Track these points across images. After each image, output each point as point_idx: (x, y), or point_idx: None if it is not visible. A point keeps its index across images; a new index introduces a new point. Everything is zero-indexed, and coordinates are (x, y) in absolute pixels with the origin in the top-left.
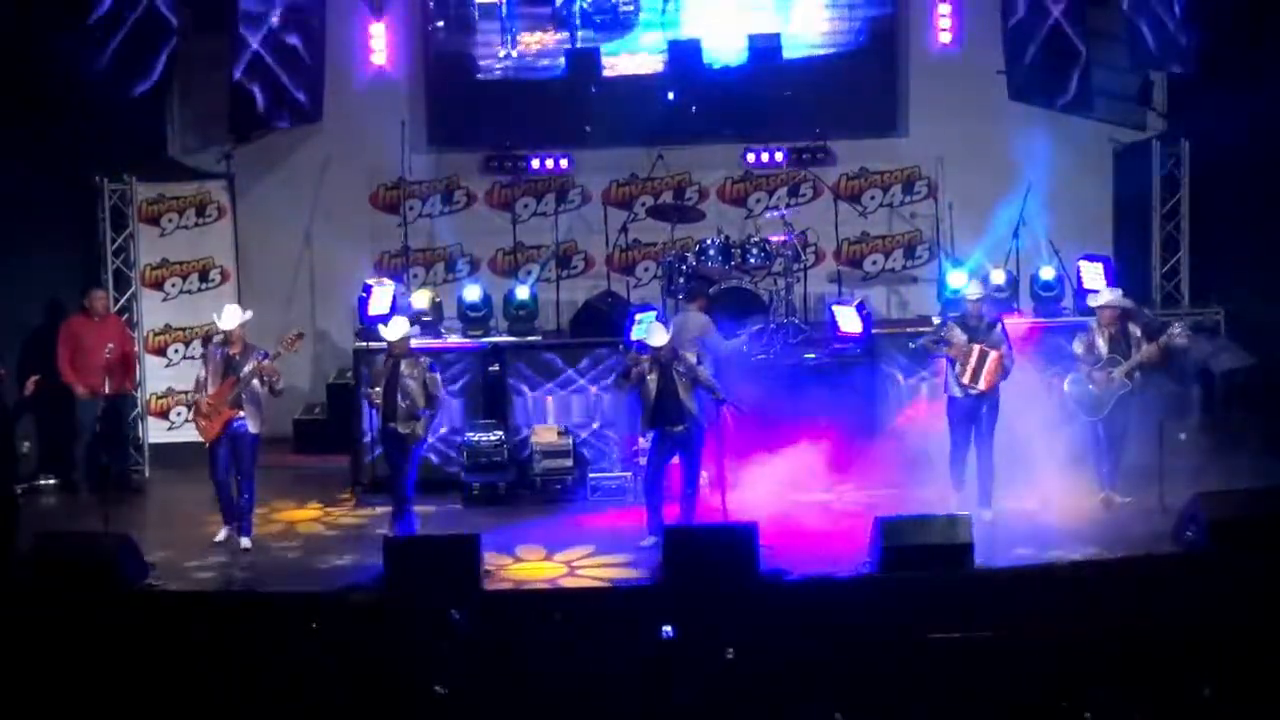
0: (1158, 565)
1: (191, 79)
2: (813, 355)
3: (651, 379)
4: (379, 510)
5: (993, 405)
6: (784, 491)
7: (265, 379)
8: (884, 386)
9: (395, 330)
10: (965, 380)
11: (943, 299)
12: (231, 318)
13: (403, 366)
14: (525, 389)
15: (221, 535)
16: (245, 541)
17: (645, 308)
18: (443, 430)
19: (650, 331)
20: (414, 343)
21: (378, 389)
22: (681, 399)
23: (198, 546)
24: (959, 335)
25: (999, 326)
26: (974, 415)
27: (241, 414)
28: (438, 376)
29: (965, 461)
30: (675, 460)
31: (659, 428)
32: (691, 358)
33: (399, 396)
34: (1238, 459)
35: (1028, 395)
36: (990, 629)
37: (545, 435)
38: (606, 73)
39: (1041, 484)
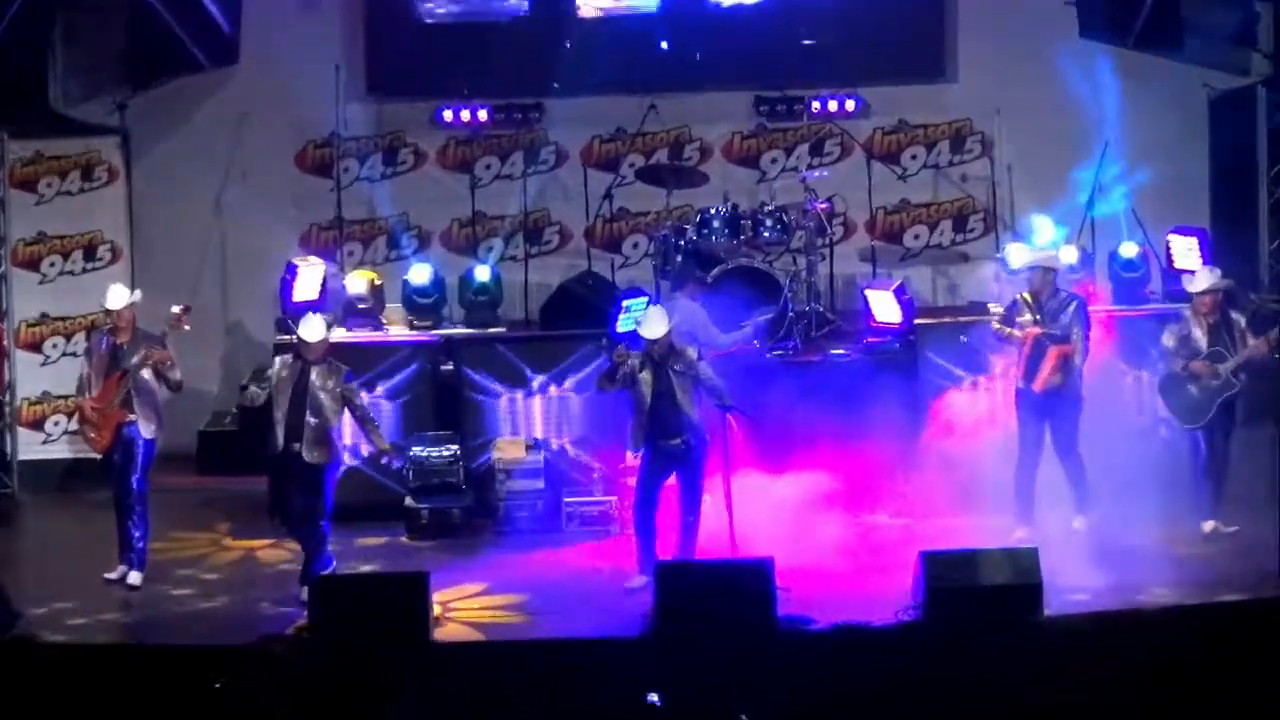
0: (1271, 613)
1: (78, 12)
2: (841, 351)
3: (645, 380)
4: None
5: (1070, 400)
6: (805, 519)
7: (156, 368)
8: (928, 390)
9: (314, 329)
10: (1019, 373)
11: (1003, 280)
12: (118, 297)
13: (314, 375)
14: (485, 393)
15: (115, 573)
16: (135, 578)
17: (635, 293)
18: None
19: (647, 319)
20: (347, 335)
21: (261, 389)
22: (680, 405)
23: (80, 586)
24: (1025, 315)
25: (1075, 306)
26: (1045, 412)
27: (133, 416)
28: (355, 386)
29: (1034, 474)
30: (671, 481)
31: (652, 441)
32: (692, 353)
33: (308, 413)
34: None
35: (1106, 395)
36: (1063, 691)
37: (510, 450)
38: (583, 12)
39: (1126, 509)
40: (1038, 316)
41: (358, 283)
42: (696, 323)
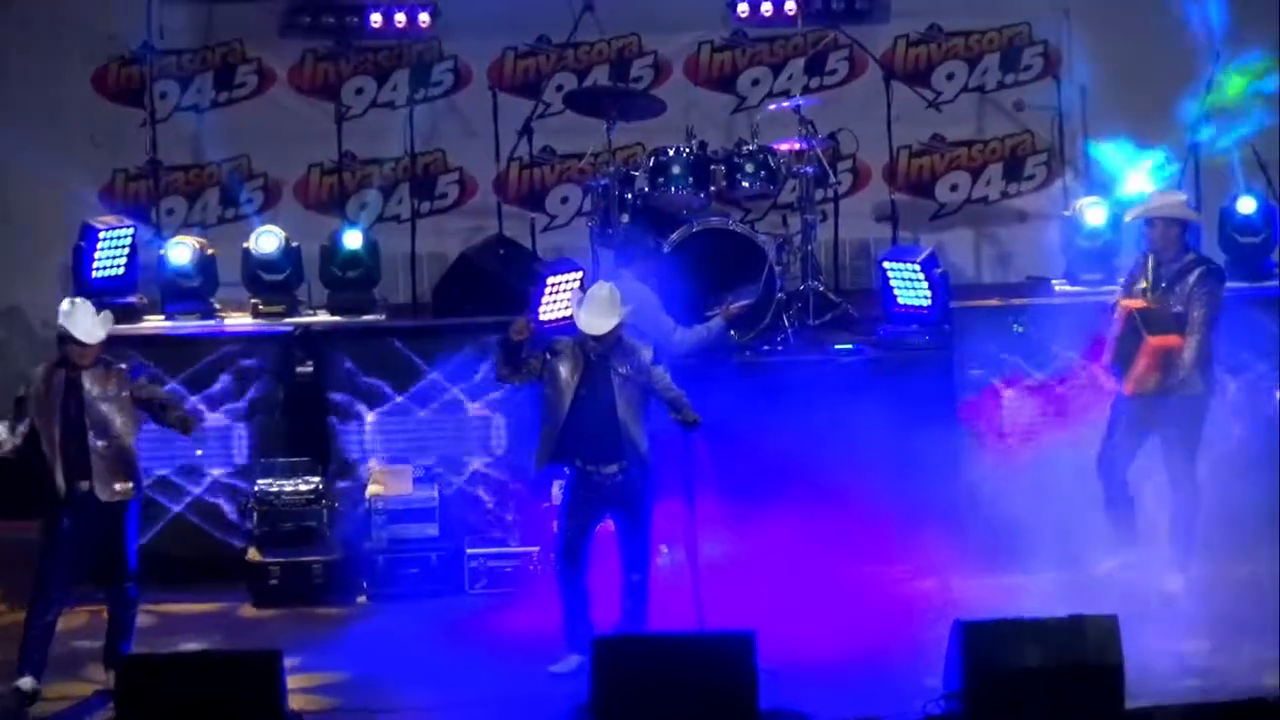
0: None
1: None
2: (848, 346)
3: (564, 379)
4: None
5: (1187, 411)
6: (797, 577)
7: None
8: (968, 400)
9: (90, 325)
10: (1107, 359)
11: (1073, 247)
12: None
13: (87, 383)
14: (358, 403)
15: None
16: None
17: (564, 266)
18: (215, 473)
19: (592, 303)
20: (165, 325)
21: (21, 428)
22: (621, 421)
23: None
24: (1142, 283)
25: (1200, 274)
26: (1143, 423)
27: None
28: (146, 380)
29: (1126, 493)
30: (608, 525)
31: (577, 469)
32: (647, 354)
33: (90, 435)
34: None
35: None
36: None
37: (393, 483)
38: None
39: (1236, 563)
40: (1147, 284)
41: (181, 252)
42: (644, 312)
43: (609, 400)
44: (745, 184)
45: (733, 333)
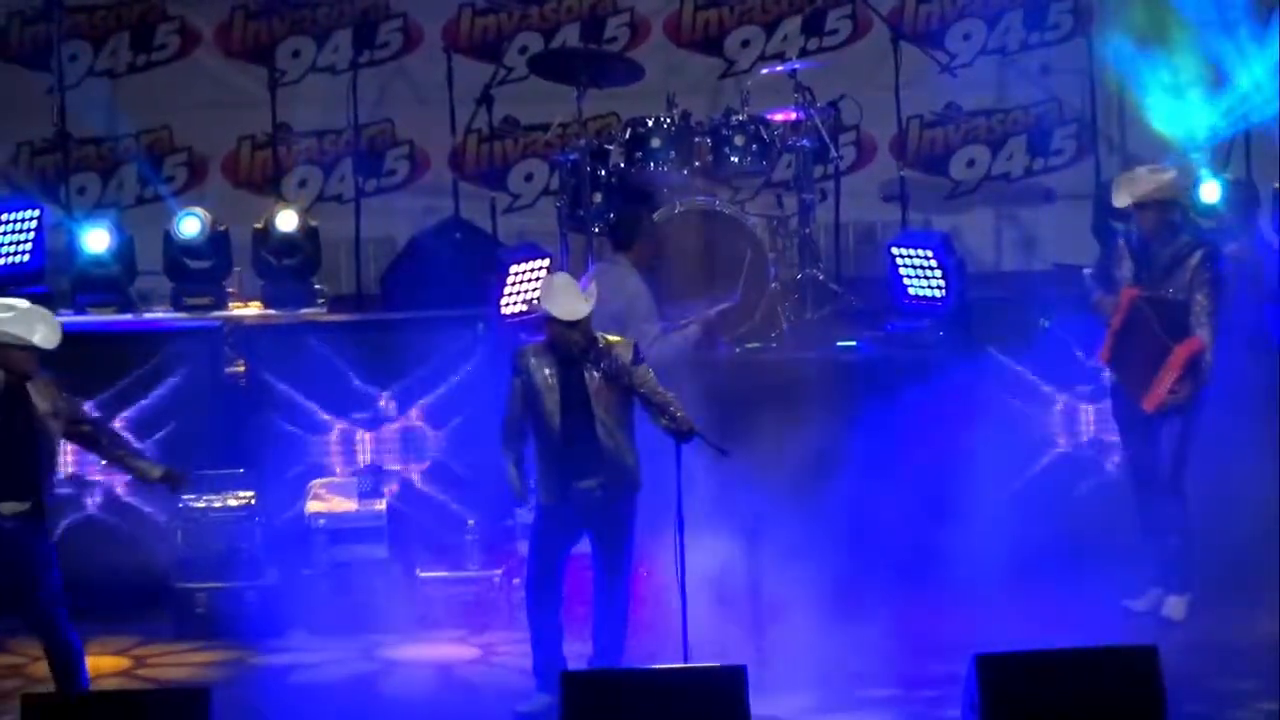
0: None
1: None
2: (852, 342)
3: (550, 386)
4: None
5: (1188, 412)
6: (795, 605)
7: None
8: (989, 404)
9: (46, 327)
10: (1104, 356)
11: (1107, 231)
12: None
13: (34, 397)
14: (296, 409)
15: None
16: None
17: (529, 252)
18: (118, 489)
19: (556, 291)
20: (77, 318)
21: None
22: (600, 429)
23: None
24: (1125, 267)
25: (1200, 258)
26: (1143, 424)
27: None
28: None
29: (1147, 500)
30: (584, 548)
31: (552, 485)
32: (626, 351)
33: (39, 455)
34: None
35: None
36: None
37: (336, 499)
38: None
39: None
40: (1133, 273)
41: (97, 239)
42: (636, 304)
43: (583, 403)
44: (734, 159)
45: (720, 335)
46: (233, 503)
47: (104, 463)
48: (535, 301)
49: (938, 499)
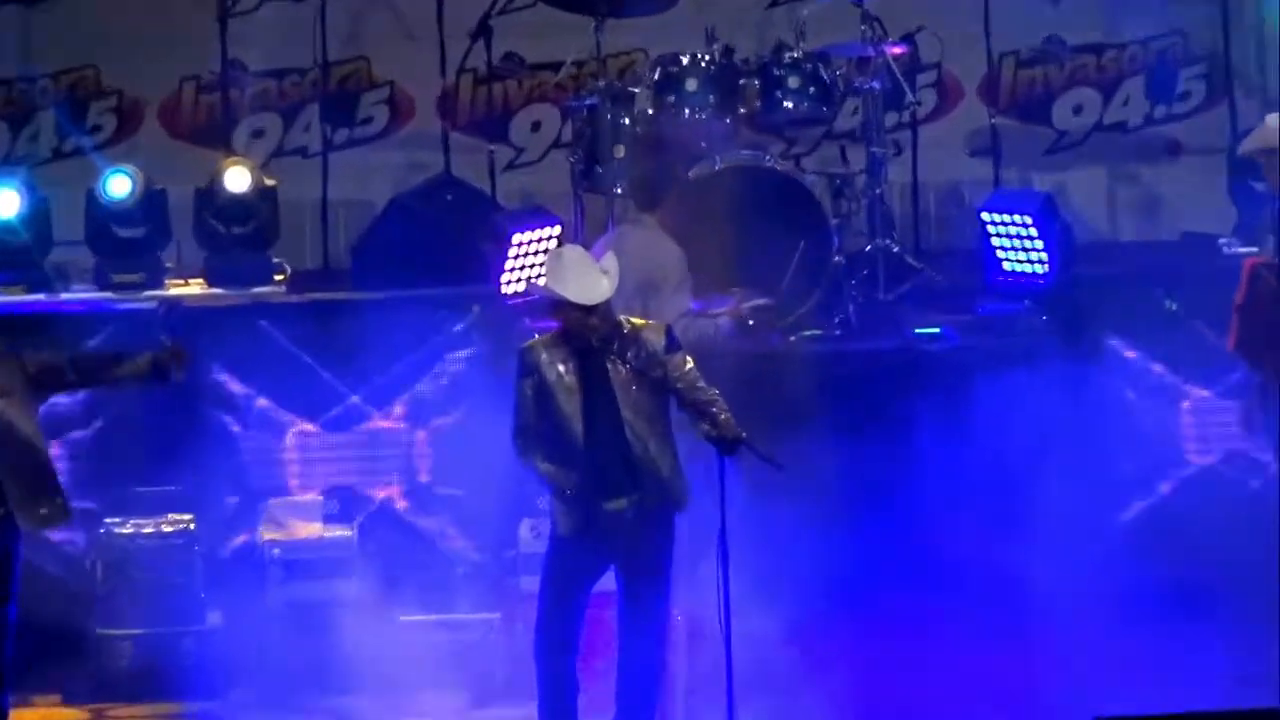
0: None
1: None
2: (934, 329)
3: (564, 383)
4: None
5: None
6: (865, 653)
7: None
8: (1106, 406)
9: None
10: (1230, 341)
11: (1246, 193)
12: None
13: None
14: (246, 410)
15: None
16: None
17: (538, 218)
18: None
19: (569, 271)
20: None
21: None
22: (632, 433)
23: None
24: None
25: None
26: None
27: None
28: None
29: None
30: (606, 584)
31: (573, 504)
32: (659, 338)
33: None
34: None
35: None
36: None
37: (295, 524)
38: None
39: None
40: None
41: (4, 201)
42: (669, 275)
43: (609, 407)
44: (788, 104)
45: (773, 320)
46: (167, 528)
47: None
48: (543, 281)
49: (1034, 525)
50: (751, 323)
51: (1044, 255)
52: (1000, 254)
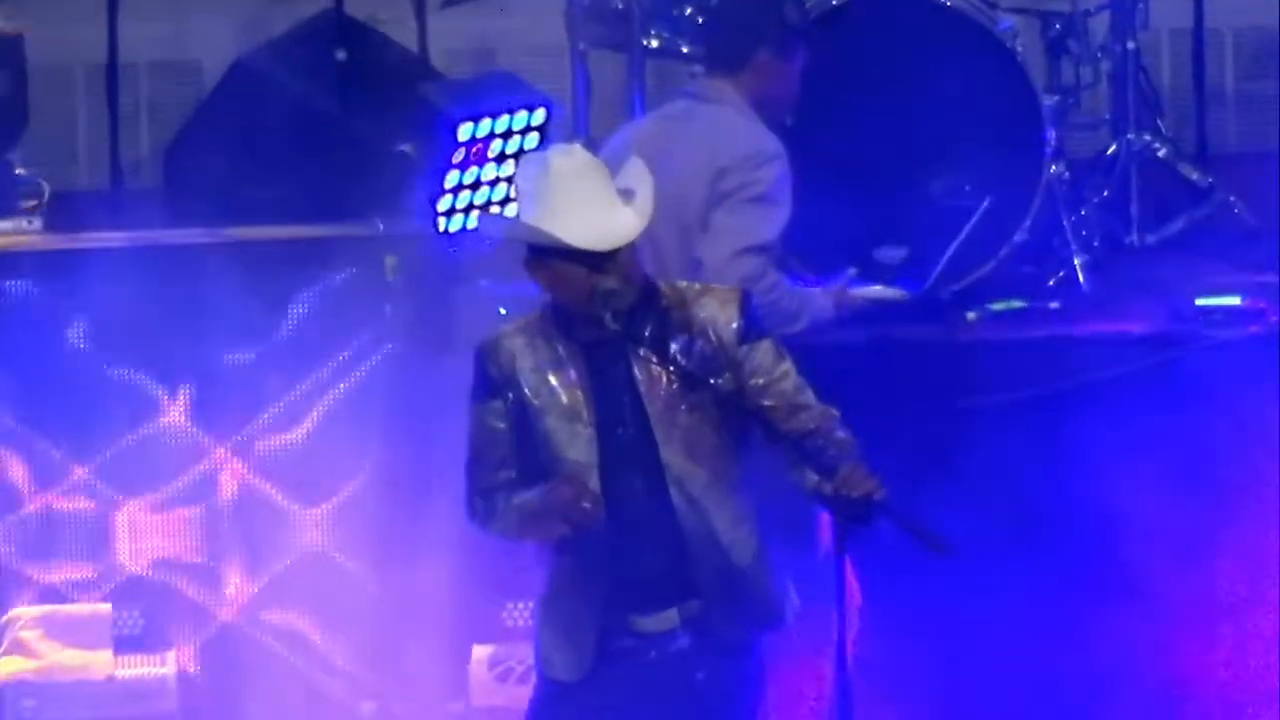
0: None
1: None
2: (1232, 300)
3: (550, 397)
4: None
5: None
6: None
7: None
8: None
9: None
10: None
11: None
12: None
13: None
14: None
15: None
16: None
17: (511, 95)
18: None
19: (561, 191)
20: None
21: None
22: (678, 494)
23: None
24: None
25: None
26: None
27: None
28: None
29: None
30: None
31: (574, 625)
32: (731, 315)
33: None
34: None
35: None
36: None
37: (64, 646)
38: None
39: None
40: None
41: None
42: (747, 184)
43: (638, 442)
44: None
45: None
46: None
47: None
48: (517, 212)
49: None
50: (862, 308)
51: None
52: None
